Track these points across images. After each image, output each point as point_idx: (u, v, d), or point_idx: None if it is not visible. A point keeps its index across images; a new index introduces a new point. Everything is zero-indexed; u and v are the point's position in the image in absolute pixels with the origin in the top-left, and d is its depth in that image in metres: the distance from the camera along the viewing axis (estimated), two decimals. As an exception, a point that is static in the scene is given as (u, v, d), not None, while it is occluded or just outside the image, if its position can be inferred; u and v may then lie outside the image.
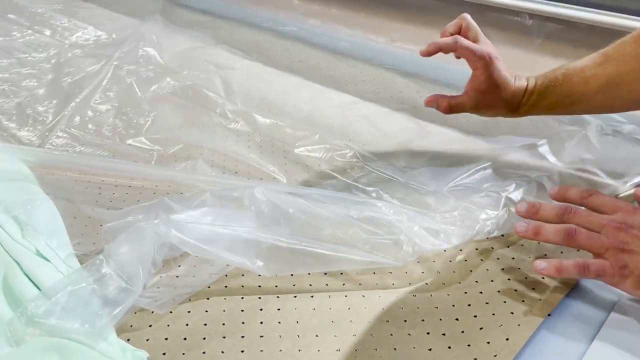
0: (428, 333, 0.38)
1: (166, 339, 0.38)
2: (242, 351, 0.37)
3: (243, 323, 0.39)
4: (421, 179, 0.53)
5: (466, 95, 0.54)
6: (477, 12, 0.91)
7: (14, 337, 0.35)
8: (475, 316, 0.40)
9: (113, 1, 1.17)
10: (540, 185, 0.52)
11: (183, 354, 0.37)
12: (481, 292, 0.42)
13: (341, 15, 1.06)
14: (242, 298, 0.42)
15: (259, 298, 0.42)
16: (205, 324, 0.39)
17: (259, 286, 0.43)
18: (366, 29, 1.00)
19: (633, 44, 0.51)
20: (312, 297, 0.42)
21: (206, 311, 0.40)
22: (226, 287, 0.43)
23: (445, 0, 0.95)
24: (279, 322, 0.39)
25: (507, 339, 0.37)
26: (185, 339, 0.38)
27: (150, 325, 0.39)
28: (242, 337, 0.38)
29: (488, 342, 0.37)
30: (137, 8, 1.11)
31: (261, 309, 0.41)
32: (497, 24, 0.89)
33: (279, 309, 0.41)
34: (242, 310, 0.40)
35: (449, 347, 0.37)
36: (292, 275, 0.44)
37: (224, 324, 0.39)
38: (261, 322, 0.39)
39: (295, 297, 0.42)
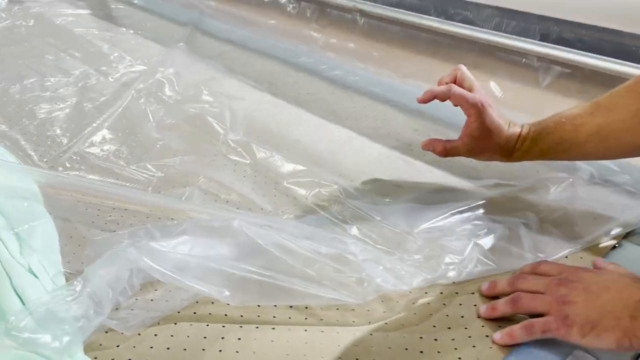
0: (375, 373, 0.40)
1: None
2: (197, 377, 0.40)
3: (203, 350, 0.42)
4: (397, 219, 0.54)
5: (461, 140, 0.57)
6: (487, 51, 0.93)
7: (-7, 347, 0.39)
8: (424, 361, 0.41)
9: (145, 27, 1.24)
10: (514, 232, 0.53)
11: (143, 375, 0.40)
12: (436, 340, 0.43)
13: (357, 49, 1.09)
14: (207, 325, 0.44)
15: (223, 327, 0.44)
16: (168, 348, 0.42)
17: (225, 315, 0.45)
18: (380, 63, 1.03)
19: (624, 94, 0.52)
20: (273, 328, 0.44)
21: (171, 335, 0.43)
22: (195, 313, 0.45)
23: (459, 39, 0.97)
24: (237, 352, 0.42)
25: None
26: (146, 361, 0.41)
27: (117, 346, 0.42)
28: (200, 363, 0.41)
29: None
30: (167, 34, 1.18)
31: (223, 337, 0.43)
32: (505, 63, 0.91)
33: (239, 339, 0.43)
34: (205, 337, 0.43)
35: (393, 389, 0.39)
36: (258, 305, 0.46)
37: (185, 350, 0.42)
38: (220, 350, 0.42)
39: (257, 327, 0.44)
